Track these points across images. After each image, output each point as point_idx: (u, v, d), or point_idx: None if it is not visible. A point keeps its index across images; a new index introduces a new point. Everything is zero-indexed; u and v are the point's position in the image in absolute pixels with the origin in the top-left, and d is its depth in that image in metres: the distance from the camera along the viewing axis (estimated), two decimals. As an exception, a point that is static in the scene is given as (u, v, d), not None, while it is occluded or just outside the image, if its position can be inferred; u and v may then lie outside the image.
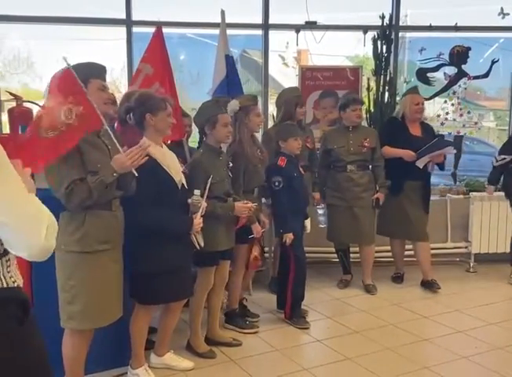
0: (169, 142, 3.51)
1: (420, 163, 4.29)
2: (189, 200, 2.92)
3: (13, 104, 3.31)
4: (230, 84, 4.36)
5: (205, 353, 3.29)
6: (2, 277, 1.39)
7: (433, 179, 4.67)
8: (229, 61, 4.44)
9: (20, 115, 3.25)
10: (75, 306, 2.52)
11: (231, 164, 3.32)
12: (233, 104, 3.43)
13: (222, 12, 4.53)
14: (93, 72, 2.53)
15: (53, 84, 2.47)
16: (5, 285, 1.39)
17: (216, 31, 4.65)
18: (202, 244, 2.93)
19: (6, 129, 4.15)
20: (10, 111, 3.33)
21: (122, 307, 2.71)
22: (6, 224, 1.30)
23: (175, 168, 2.87)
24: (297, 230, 3.75)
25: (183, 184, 2.90)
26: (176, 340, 3.32)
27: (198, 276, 3.27)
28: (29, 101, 3.39)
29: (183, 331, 3.47)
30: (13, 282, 1.42)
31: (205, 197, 2.94)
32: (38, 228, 1.31)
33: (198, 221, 2.87)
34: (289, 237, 3.66)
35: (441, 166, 4.49)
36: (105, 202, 2.54)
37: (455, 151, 4.27)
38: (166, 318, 3.07)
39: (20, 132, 3.15)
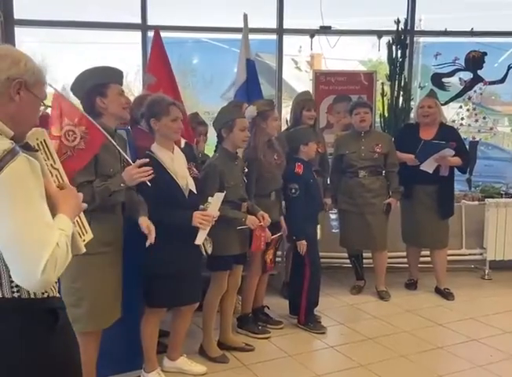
0: (183, 144, 3.54)
1: (427, 168, 4.21)
2: (201, 206, 2.91)
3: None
4: (250, 88, 4.38)
5: (218, 357, 3.28)
6: None
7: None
8: (250, 65, 4.46)
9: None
10: (80, 309, 2.53)
11: (246, 169, 3.32)
12: (251, 110, 3.43)
13: (245, 17, 4.55)
14: (112, 77, 2.58)
15: (51, 115, 2.50)
16: (32, 296, 1.41)
17: (230, 36, 4.69)
18: (209, 251, 2.93)
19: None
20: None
21: (132, 311, 2.73)
22: (4, 245, 1.31)
23: (182, 173, 2.87)
24: (311, 235, 3.74)
25: (191, 189, 2.89)
26: (189, 344, 3.32)
27: (211, 281, 3.27)
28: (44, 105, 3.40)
29: (196, 335, 3.47)
30: (43, 293, 1.44)
31: (217, 207, 2.91)
32: (35, 260, 1.28)
33: (198, 214, 2.80)
34: (302, 244, 3.65)
35: (462, 170, 4.43)
36: (110, 206, 2.56)
37: (452, 152, 4.19)
38: (177, 322, 3.07)
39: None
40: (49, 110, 2.44)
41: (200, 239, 2.83)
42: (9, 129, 1.43)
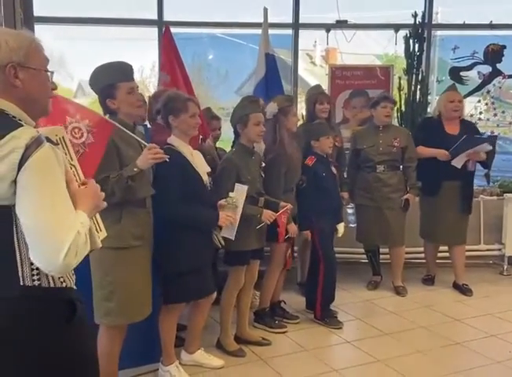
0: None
1: (457, 163, 4.15)
2: (223, 201, 2.92)
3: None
4: (269, 83, 4.37)
5: (234, 351, 3.30)
6: (50, 277, 1.43)
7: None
8: (269, 60, 4.44)
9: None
10: (112, 302, 2.55)
11: (263, 164, 3.33)
12: (272, 107, 3.43)
13: (265, 10, 4.53)
14: (120, 76, 2.53)
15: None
16: (52, 285, 1.43)
17: (246, 31, 4.68)
18: (223, 243, 2.96)
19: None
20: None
21: (152, 304, 2.75)
22: (29, 227, 1.32)
23: (202, 168, 2.90)
24: (325, 230, 3.73)
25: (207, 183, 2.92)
26: (206, 338, 3.34)
27: (229, 276, 3.29)
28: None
29: (213, 328, 3.49)
30: (62, 282, 1.46)
31: (242, 204, 2.94)
32: (59, 243, 1.30)
33: (223, 214, 2.86)
34: (306, 234, 3.68)
35: (484, 165, 4.39)
36: (140, 199, 2.58)
37: (490, 147, 4.14)
38: (195, 316, 3.09)
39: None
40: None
41: (232, 234, 2.93)
42: (31, 119, 1.45)
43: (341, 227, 3.87)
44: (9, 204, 1.34)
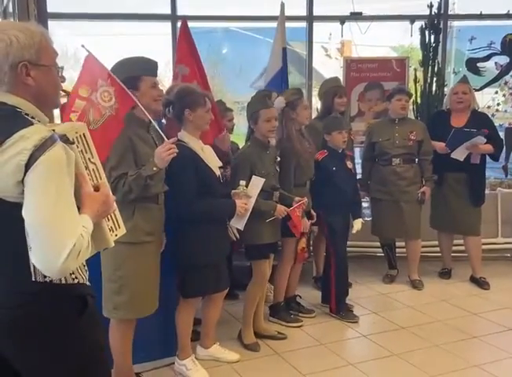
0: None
1: (457, 156, 4.13)
2: (234, 191, 2.95)
3: (65, 100, 3.38)
4: (283, 77, 4.39)
5: (250, 344, 3.31)
6: None
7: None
8: (285, 54, 4.45)
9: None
10: (122, 296, 2.58)
11: (278, 159, 3.32)
12: (279, 101, 3.42)
13: (282, 5, 4.55)
14: (145, 69, 2.58)
15: (81, 75, 2.53)
16: (63, 281, 1.45)
17: (259, 25, 4.68)
18: (237, 235, 2.97)
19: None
20: (62, 107, 3.40)
21: (168, 299, 2.78)
22: (32, 228, 1.33)
23: (213, 162, 2.90)
24: (335, 225, 3.69)
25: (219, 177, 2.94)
26: (222, 332, 3.35)
27: (253, 271, 3.29)
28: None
29: (228, 323, 3.51)
30: (73, 279, 1.48)
31: (255, 196, 2.96)
32: (60, 247, 1.30)
33: (240, 202, 2.89)
34: (315, 229, 3.68)
35: (493, 157, 4.33)
36: (153, 195, 2.60)
37: (484, 140, 4.10)
38: (208, 310, 3.11)
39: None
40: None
41: (242, 224, 2.93)
42: (44, 115, 1.46)
43: (357, 223, 3.82)
44: (20, 202, 1.34)
